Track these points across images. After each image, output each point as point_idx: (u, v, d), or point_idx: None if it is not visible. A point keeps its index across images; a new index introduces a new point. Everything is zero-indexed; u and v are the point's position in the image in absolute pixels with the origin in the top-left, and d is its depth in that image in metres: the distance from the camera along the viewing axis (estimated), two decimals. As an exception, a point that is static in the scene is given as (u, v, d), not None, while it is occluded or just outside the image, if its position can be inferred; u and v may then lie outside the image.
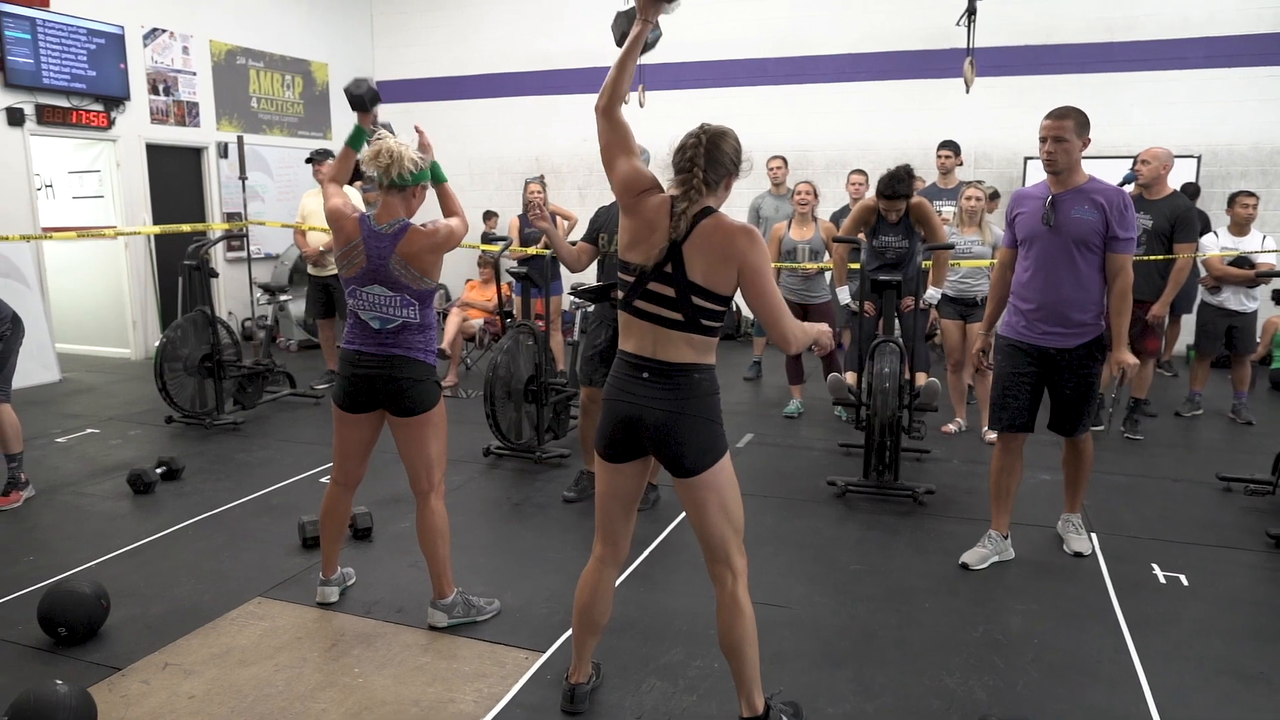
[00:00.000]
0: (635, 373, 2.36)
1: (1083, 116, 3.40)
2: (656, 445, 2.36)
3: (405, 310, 3.00)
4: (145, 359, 8.22)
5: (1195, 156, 8.24)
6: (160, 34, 8.52)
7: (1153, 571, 3.67)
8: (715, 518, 2.38)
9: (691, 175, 2.30)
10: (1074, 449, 3.80)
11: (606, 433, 2.43)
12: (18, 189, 7.39)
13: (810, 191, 6.06)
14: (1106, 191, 3.43)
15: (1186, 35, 8.30)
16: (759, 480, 4.82)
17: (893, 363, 4.44)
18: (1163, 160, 5.39)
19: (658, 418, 2.32)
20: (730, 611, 2.40)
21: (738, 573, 2.41)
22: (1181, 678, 2.86)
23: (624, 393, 2.38)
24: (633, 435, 2.38)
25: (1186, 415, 6.25)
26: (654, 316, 2.32)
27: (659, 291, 2.31)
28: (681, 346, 2.32)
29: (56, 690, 2.41)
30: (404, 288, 2.97)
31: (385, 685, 2.79)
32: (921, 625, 3.21)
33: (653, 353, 2.33)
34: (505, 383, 5.11)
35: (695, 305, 2.29)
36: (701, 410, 2.34)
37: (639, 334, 2.36)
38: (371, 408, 3.08)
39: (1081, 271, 3.46)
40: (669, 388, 2.32)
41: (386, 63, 11.22)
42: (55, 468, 5.05)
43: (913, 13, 9.01)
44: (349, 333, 3.08)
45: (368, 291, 2.99)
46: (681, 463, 2.34)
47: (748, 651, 2.41)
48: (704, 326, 2.32)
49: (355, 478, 3.26)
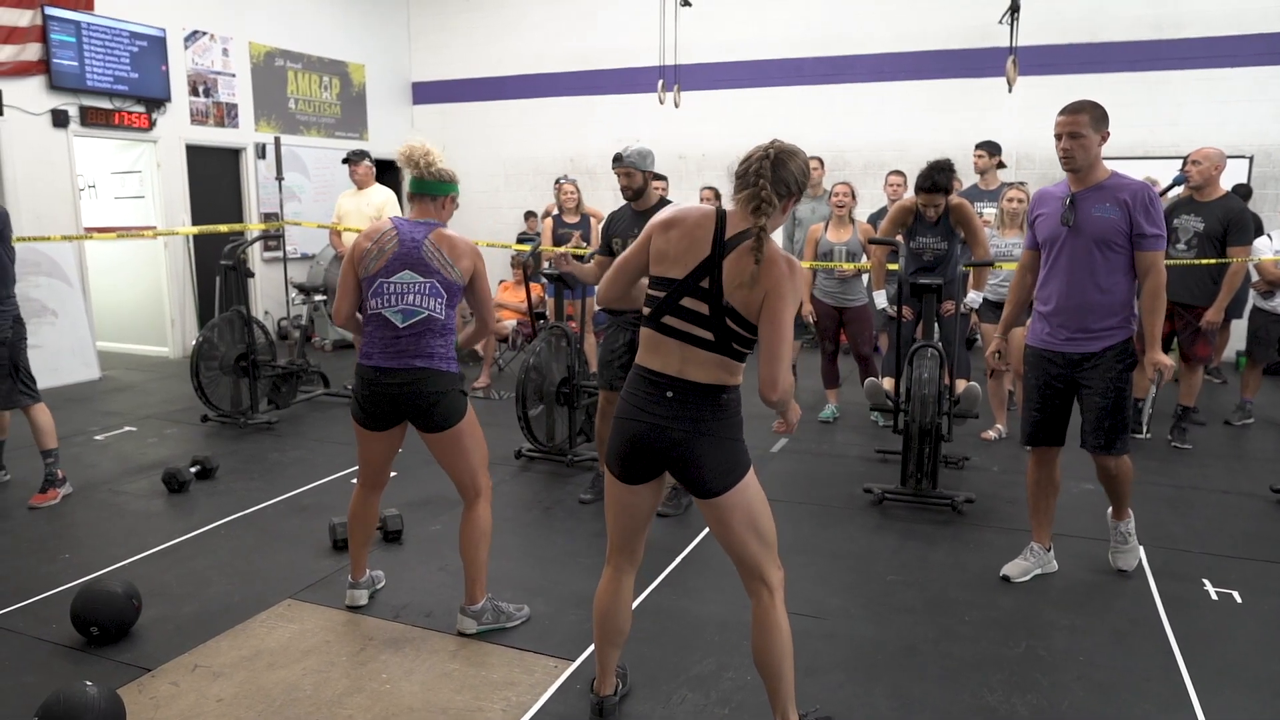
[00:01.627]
0: (657, 391, 2.25)
1: (1099, 110, 3.21)
2: (674, 466, 2.26)
3: (432, 301, 2.93)
4: (183, 358, 8.32)
5: (1248, 157, 8.00)
6: (201, 36, 8.63)
7: (1204, 587, 3.53)
8: (744, 536, 2.30)
9: (759, 189, 2.16)
10: (1105, 470, 3.45)
11: (619, 452, 2.32)
12: (61, 189, 7.52)
13: (848, 193, 5.96)
14: (1129, 187, 3.22)
15: (1240, 32, 8.06)
16: (792, 487, 4.74)
17: (932, 368, 4.33)
18: (1214, 161, 5.22)
19: (675, 437, 2.23)
20: (765, 629, 2.32)
21: (774, 588, 2.33)
22: (1236, 699, 2.74)
23: (641, 411, 2.27)
24: (648, 456, 2.28)
25: (1237, 424, 6.05)
26: (684, 334, 2.23)
27: (692, 308, 2.22)
28: (711, 367, 2.23)
29: (86, 691, 2.40)
30: (435, 273, 2.93)
31: (413, 692, 2.76)
32: (961, 639, 3.11)
33: (679, 371, 2.24)
34: (537, 385, 5.07)
35: (728, 328, 2.20)
36: (722, 429, 2.24)
37: (665, 352, 2.26)
38: (394, 422, 3.05)
39: (1103, 273, 3.26)
40: (691, 407, 2.22)
41: (423, 64, 11.29)
42: (92, 465, 5.11)
43: (953, 11, 8.86)
44: (366, 346, 3.00)
45: (396, 280, 2.92)
46: (703, 484, 2.25)
47: (784, 670, 2.34)
48: (735, 350, 2.23)
49: (381, 482, 3.24)
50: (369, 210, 6.63)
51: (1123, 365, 3.31)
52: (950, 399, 4.62)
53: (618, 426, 2.32)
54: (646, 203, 4.23)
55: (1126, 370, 3.33)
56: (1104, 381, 3.31)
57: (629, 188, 4.17)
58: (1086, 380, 3.35)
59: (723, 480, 2.24)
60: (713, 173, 9.77)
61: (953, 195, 4.85)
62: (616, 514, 2.43)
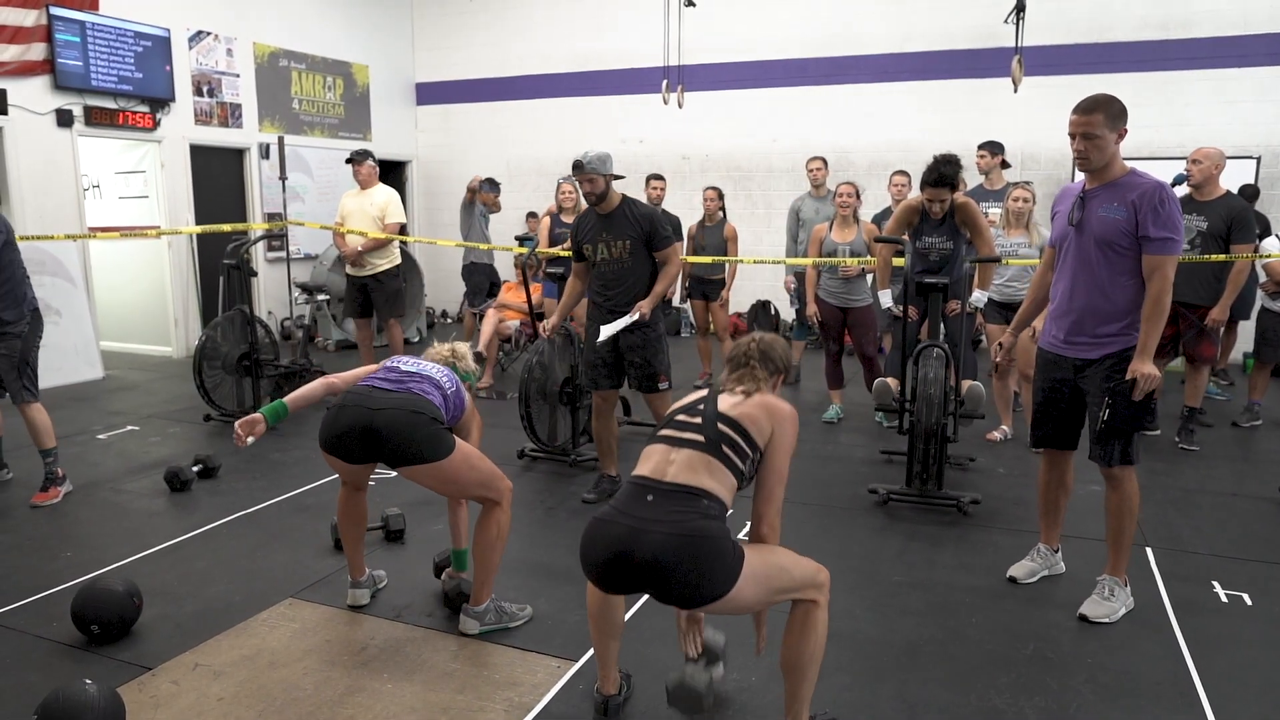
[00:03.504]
0: (640, 494, 2.20)
1: (1114, 107, 3.02)
2: (656, 583, 2.09)
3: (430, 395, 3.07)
4: (186, 357, 8.30)
5: (1255, 157, 7.96)
6: (205, 36, 8.64)
7: (1213, 589, 3.50)
8: (771, 599, 2.27)
9: (750, 369, 2.43)
10: (1111, 486, 3.25)
11: (595, 561, 2.19)
12: (66, 189, 7.53)
13: (852, 193, 5.93)
14: (1140, 186, 3.01)
15: (1247, 32, 8.03)
16: (796, 488, 4.70)
17: (938, 368, 4.30)
18: (1214, 160, 5.19)
19: (656, 543, 2.07)
20: (804, 628, 2.30)
21: (821, 603, 2.32)
22: (1248, 703, 2.70)
23: (620, 513, 2.18)
24: (625, 569, 2.12)
25: (1245, 426, 6.01)
26: (673, 440, 2.29)
27: (685, 420, 2.32)
28: (699, 470, 2.19)
29: (86, 690, 2.39)
30: (436, 390, 3.09)
31: (414, 691, 2.74)
32: (968, 641, 3.08)
33: (663, 475, 2.21)
34: (540, 385, 5.06)
35: (720, 431, 2.25)
36: (706, 529, 2.10)
37: (655, 458, 2.28)
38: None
39: (1105, 276, 3.09)
40: (673, 508, 2.13)
41: (426, 65, 11.29)
42: (95, 464, 5.10)
43: (959, 11, 8.84)
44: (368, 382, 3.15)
45: (396, 369, 3.14)
46: (699, 597, 2.10)
47: (809, 673, 2.32)
48: (724, 454, 2.21)
49: (364, 483, 3.24)
50: (372, 210, 6.61)
51: (1123, 375, 3.10)
52: (956, 399, 4.59)
53: (595, 527, 2.22)
54: (610, 205, 4.33)
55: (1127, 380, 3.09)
56: (1101, 391, 3.14)
57: (592, 193, 4.28)
58: (1086, 387, 3.22)
59: (722, 588, 2.10)
60: (716, 173, 9.75)
61: (959, 194, 4.83)
62: (592, 618, 2.54)
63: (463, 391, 3.18)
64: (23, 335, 4.38)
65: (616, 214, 4.32)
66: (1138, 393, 3.05)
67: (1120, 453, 3.17)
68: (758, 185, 9.82)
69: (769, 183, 9.80)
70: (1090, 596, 3.30)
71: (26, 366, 4.41)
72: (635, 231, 4.29)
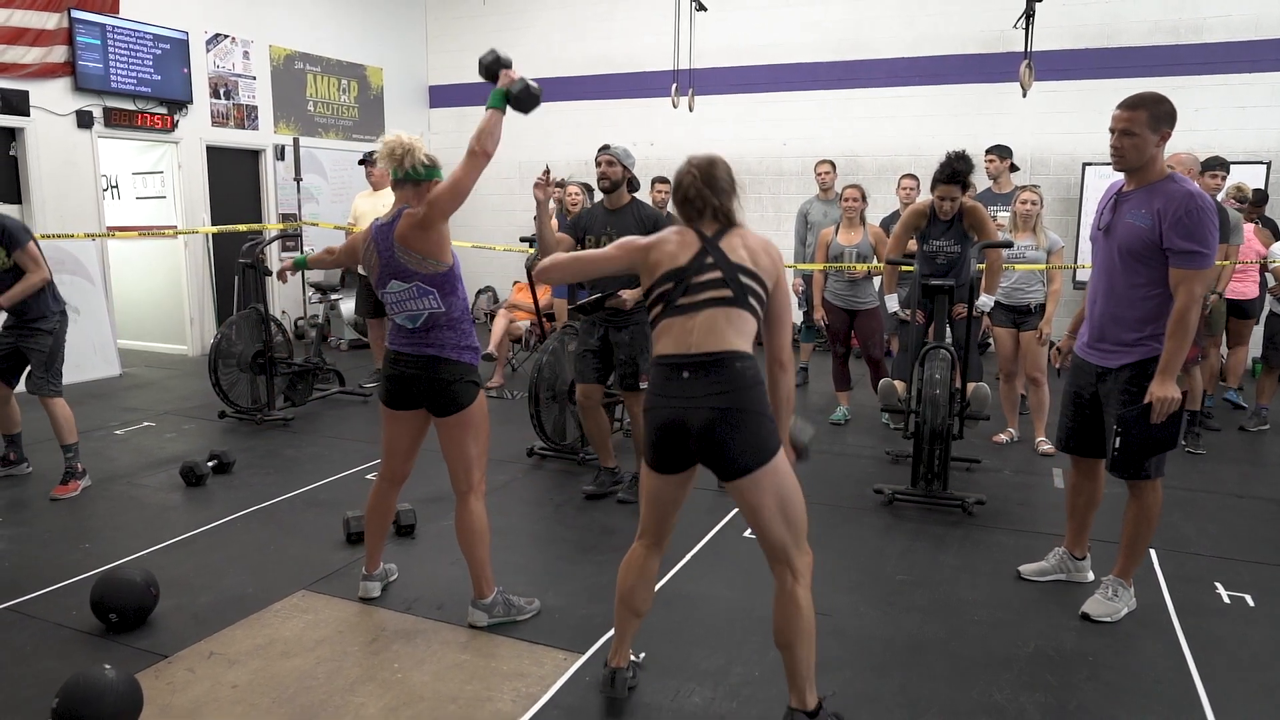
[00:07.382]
0: (674, 374, 2.32)
1: (1161, 109, 2.91)
2: (702, 447, 2.29)
3: (425, 300, 2.99)
4: (201, 355, 8.40)
5: (1265, 163, 7.94)
6: (223, 39, 8.74)
7: (1216, 590, 3.52)
8: (772, 520, 2.33)
9: (707, 204, 2.40)
10: (1133, 495, 3.17)
11: (652, 442, 2.38)
12: (85, 189, 7.63)
13: (857, 196, 5.97)
14: (1171, 194, 2.88)
15: (1259, 38, 8.02)
16: (803, 487, 4.73)
17: (944, 370, 4.33)
18: (1187, 165, 5.20)
19: (703, 417, 2.26)
20: (787, 607, 2.37)
21: (798, 574, 2.37)
22: (1248, 704, 2.73)
23: (663, 397, 2.34)
24: (679, 442, 2.32)
25: (1252, 430, 6.01)
26: (700, 303, 2.32)
27: (704, 279, 2.34)
28: (721, 329, 2.30)
29: (105, 675, 2.45)
30: (413, 274, 2.97)
31: (424, 681, 2.80)
32: (970, 639, 3.12)
33: (689, 346, 2.30)
34: (549, 384, 5.11)
35: (742, 283, 2.33)
36: (748, 402, 2.27)
37: (678, 331, 2.33)
38: (414, 406, 3.10)
39: (1125, 284, 3.00)
40: (711, 380, 2.27)
41: (440, 67, 11.37)
42: (112, 459, 5.19)
43: (969, 16, 8.85)
44: (391, 333, 3.14)
45: (389, 291, 3.04)
46: (731, 463, 2.27)
47: (800, 649, 2.38)
48: (750, 305, 2.33)
49: (402, 474, 3.28)
50: (385, 211, 6.68)
51: (1137, 388, 3.00)
52: (962, 401, 4.62)
53: (647, 416, 2.40)
54: (619, 201, 4.45)
55: (1143, 393, 2.98)
56: (1116, 402, 3.06)
57: (607, 176, 4.41)
58: (1104, 396, 3.14)
59: (751, 458, 2.27)
60: (727, 176, 9.77)
61: (967, 199, 4.86)
62: (649, 502, 2.50)
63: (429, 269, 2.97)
64: (54, 332, 4.53)
65: (624, 211, 4.42)
66: (1156, 416, 2.94)
67: (1137, 469, 3.07)
68: (767, 189, 9.86)
69: (779, 186, 9.83)
70: (1093, 595, 3.33)
71: (54, 362, 4.53)
72: (639, 230, 4.35)
